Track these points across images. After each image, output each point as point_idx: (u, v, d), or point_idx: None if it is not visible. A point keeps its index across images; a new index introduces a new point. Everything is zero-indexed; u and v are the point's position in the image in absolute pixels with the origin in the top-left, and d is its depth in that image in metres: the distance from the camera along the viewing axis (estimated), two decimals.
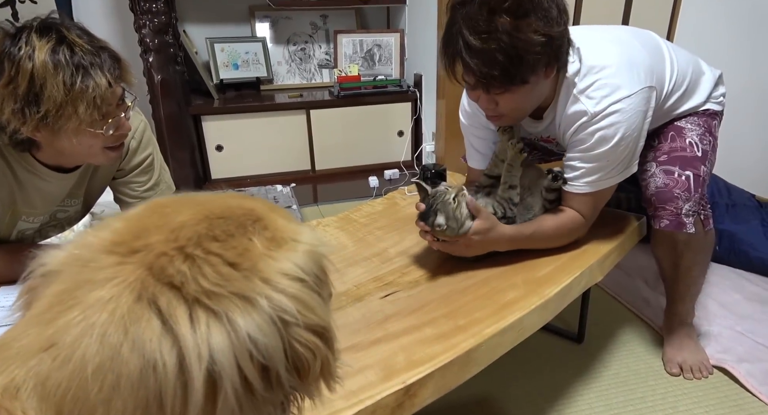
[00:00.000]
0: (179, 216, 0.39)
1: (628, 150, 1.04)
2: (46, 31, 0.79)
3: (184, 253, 0.36)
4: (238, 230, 0.39)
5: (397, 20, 2.96)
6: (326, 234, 1.27)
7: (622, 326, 1.47)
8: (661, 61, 1.14)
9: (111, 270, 0.35)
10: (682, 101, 1.20)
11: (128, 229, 0.38)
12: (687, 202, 1.12)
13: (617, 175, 1.07)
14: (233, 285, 0.35)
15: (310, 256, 0.40)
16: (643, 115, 1.03)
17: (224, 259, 0.36)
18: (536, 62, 0.92)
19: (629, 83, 1.00)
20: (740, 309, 1.49)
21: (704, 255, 1.25)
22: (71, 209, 1.11)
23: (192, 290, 0.34)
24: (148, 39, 2.22)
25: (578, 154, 1.06)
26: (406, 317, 0.91)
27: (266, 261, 0.38)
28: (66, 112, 0.80)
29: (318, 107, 2.66)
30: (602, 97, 1.00)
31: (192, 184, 2.48)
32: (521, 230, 1.08)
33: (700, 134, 1.19)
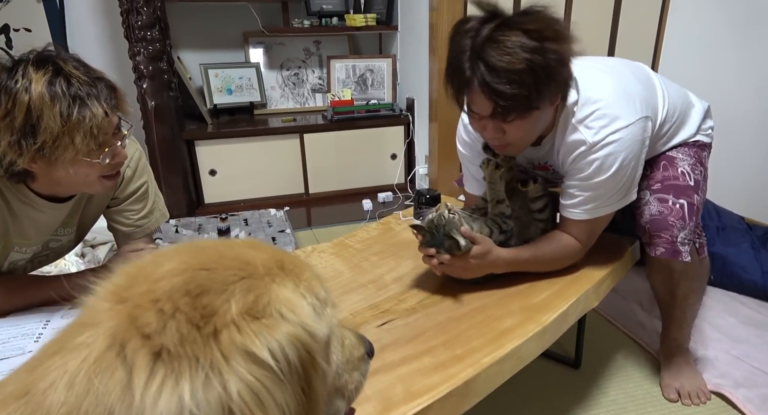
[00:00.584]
0: (166, 266, 0.37)
1: (626, 179, 1.05)
2: (43, 63, 0.80)
3: (156, 306, 0.34)
4: (216, 287, 0.35)
5: (389, 46, 3.01)
6: (322, 260, 1.26)
7: (619, 350, 1.47)
8: (654, 93, 1.16)
9: (100, 316, 0.35)
10: (673, 132, 1.22)
11: (125, 277, 0.38)
12: (682, 230, 1.12)
13: (615, 204, 1.08)
14: (191, 348, 0.32)
15: (291, 340, 0.35)
16: (641, 144, 1.04)
17: (189, 318, 0.33)
18: (558, 86, 0.93)
19: (627, 114, 1.02)
20: (735, 333, 1.50)
21: (700, 283, 1.26)
22: (64, 238, 1.10)
23: (157, 343, 0.32)
24: (142, 66, 2.24)
25: (576, 182, 1.07)
26: (404, 347, 0.90)
27: (231, 333, 0.33)
28: (63, 143, 0.80)
29: (311, 131, 2.68)
30: (601, 127, 1.01)
31: (185, 209, 2.47)
32: (518, 254, 1.09)
33: (691, 164, 1.20)
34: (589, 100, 1.03)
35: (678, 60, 2.55)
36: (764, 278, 1.63)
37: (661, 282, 1.25)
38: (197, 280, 0.35)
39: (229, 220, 2.43)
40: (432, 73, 2.48)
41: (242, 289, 0.35)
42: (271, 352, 0.33)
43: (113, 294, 0.37)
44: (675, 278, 1.20)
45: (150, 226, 1.16)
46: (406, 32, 2.75)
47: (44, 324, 0.94)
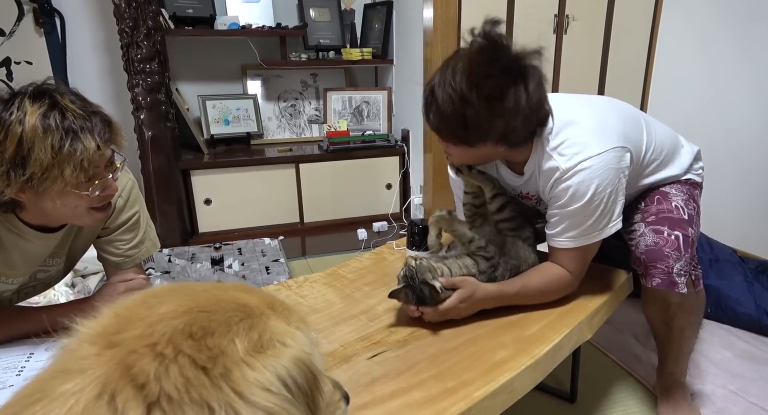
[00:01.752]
0: (162, 307, 0.37)
1: (604, 206, 1.05)
2: (40, 96, 0.81)
3: (154, 350, 0.33)
4: (219, 328, 0.36)
5: (384, 79, 3.08)
6: (313, 290, 1.25)
7: (615, 383, 1.44)
8: (637, 128, 1.17)
9: (86, 362, 0.33)
10: (661, 168, 1.24)
11: (114, 320, 0.37)
12: (678, 261, 1.12)
13: (597, 232, 1.08)
14: (198, 391, 0.32)
15: (296, 364, 0.37)
16: (616, 172, 1.04)
17: (194, 360, 0.33)
18: (486, 138, 1.00)
19: (599, 142, 1.04)
20: (732, 367, 1.48)
21: (696, 316, 1.25)
22: (53, 268, 1.09)
23: (154, 392, 0.31)
24: (140, 97, 2.27)
25: (556, 210, 1.09)
26: (394, 380, 0.89)
27: (242, 368, 0.34)
28: (52, 175, 0.80)
29: (307, 161, 2.70)
30: (573, 155, 1.03)
31: (179, 238, 2.46)
32: (506, 289, 1.08)
33: (684, 200, 1.22)
34: (563, 128, 1.06)
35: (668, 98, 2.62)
36: (758, 311, 1.62)
37: (657, 315, 1.24)
38: (199, 322, 0.35)
39: (222, 249, 2.42)
40: None
41: (245, 328, 0.37)
42: (281, 378, 0.35)
43: (100, 337, 0.35)
44: (671, 310, 1.19)
45: (140, 256, 1.15)
46: (401, 66, 2.82)
47: (27, 357, 0.92)
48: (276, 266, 2.23)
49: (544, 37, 2.48)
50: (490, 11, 2.58)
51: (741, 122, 2.18)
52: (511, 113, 0.95)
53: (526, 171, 1.14)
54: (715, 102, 2.27)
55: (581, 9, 2.49)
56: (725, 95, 2.25)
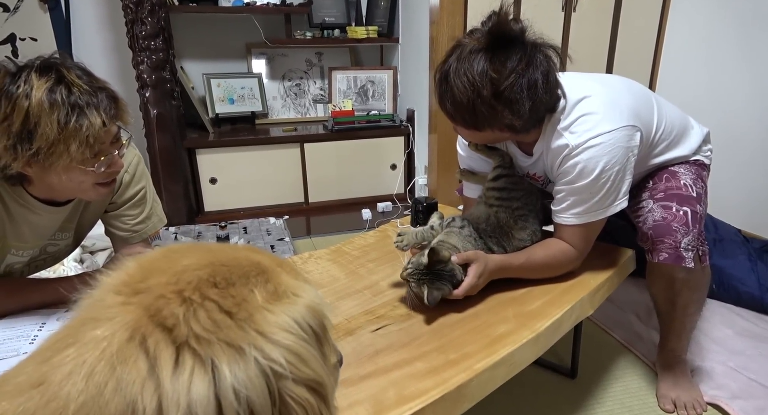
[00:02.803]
0: (185, 260, 0.39)
1: (612, 184, 1.05)
2: (47, 70, 0.81)
3: (181, 296, 0.36)
4: (240, 280, 0.39)
5: (390, 58, 3.05)
6: (318, 266, 1.27)
7: (615, 360, 1.46)
8: (648, 108, 1.17)
9: (114, 310, 0.35)
10: (670, 148, 1.24)
11: (138, 270, 0.39)
12: (686, 236, 1.12)
13: (603, 209, 1.09)
14: (225, 333, 0.35)
15: (309, 311, 0.40)
16: (625, 150, 1.05)
17: (220, 306, 0.36)
18: (493, 126, 1.01)
19: (610, 120, 1.04)
20: (732, 344, 1.49)
21: (701, 293, 1.25)
22: (62, 242, 1.10)
23: (182, 333, 0.34)
24: (145, 75, 2.27)
25: (563, 187, 1.09)
26: (397, 351, 0.91)
27: (263, 313, 0.37)
28: (57, 150, 0.81)
29: (312, 141, 2.70)
30: (583, 131, 1.04)
31: (185, 217, 2.48)
32: (511, 260, 1.10)
33: (693, 179, 1.22)
34: (574, 107, 1.06)
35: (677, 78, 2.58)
36: (761, 291, 1.63)
37: (661, 291, 1.24)
38: (221, 274, 0.38)
39: (228, 228, 2.44)
40: (432, 85, 2.50)
41: (261, 281, 0.40)
42: (297, 321, 0.38)
43: (125, 285, 0.37)
44: (676, 286, 1.20)
45: (147, 231, 1.17)
46: (407, 45, 2.79)
47: (39, 327, 0.95)
48: (281, 244, 2.25)
49: (552, 14, 2.44)
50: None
51: (749, 101, 2.15)
52: (520, 109, 0.97)
53: (535, 152, 1.14)
54: (722, 82, 2.24)
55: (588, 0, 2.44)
56: (733, 75, 2.21)
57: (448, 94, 1.00)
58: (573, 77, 1.11)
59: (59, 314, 0.99)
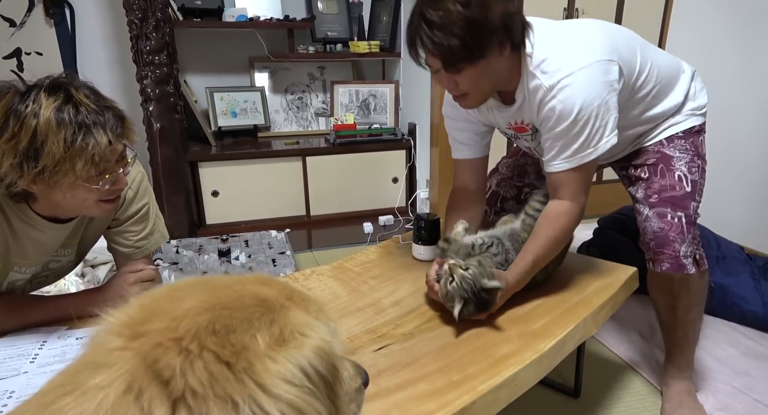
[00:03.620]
0: (186, 303, 0.38)
1: (594, 121, 1.02)
2: (55, 90, 0.82)
3: (179, 345, 0.34)
4: (242, 325, 0.37)
5: (392, 72, 3.07)
6: (320, 283, 1.26)
7: (619, 379, 1.45)
8: (629, 46, 1.13)
9: (113, 355, 0.34)
10: (659, 94, 1.20)
11: (139, 311, 0.38)
12: (683, 244, 1.14)
13: (592, 149, 1.06)
14: (221, 386, 0.33)
15: (317, 354, 0.38)
16: (603, 85, 1.01)
17: (218, 356, 0.34)
18: (492, 34, 0.95)
19: (581, 56, 1.01)
20: (736, 364, 1.48)
21: (700, 296, 1.24)
22: (64, 259, 1.10)
23: (179, 387, 0.32)
24: (149, 89, 2.28)
25: (548, 134, 1.08)
26: (400, 372, 0.90)
27: (265, 362, 0.35)
28: (63, 169, 0.81)
29: (314, 154, 2.71)
30: (554, 71, 1.01)
31: (186, 230, 2.48)
32: (522, 266, 1.08)
33: (688, 162, 1.20)
34: (545, 44, 1.03)
35: None
36: (765, 309, 1.62)
37: (661, 295, 1.25)
38: (222, 319, 0.36)
39: (229, 241, 2.44)
40: (433, 98, 2.52)
41: (266, 323, 0.37)
42: (302, 369, 0.36)
43: (126, 327, 0.36)
44: (675, 288, 1.20)
45: (149, 247, 1.17)
46: (409, 59, 2.80)
47: (41, 345, 0.94)
48: (282, 258, 2.24)
49: None
50: None
51: (751, 113, 2.16)
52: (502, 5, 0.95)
53: (516, 98, 1.12)
54: (724, 92, 2.25)
55: (591, 2, 2.47)
56: (736, 84, 2.22)
57: (426, 29, 0.95)
58: (543, 20, 1.10)
59: (60, 332, 0.99)
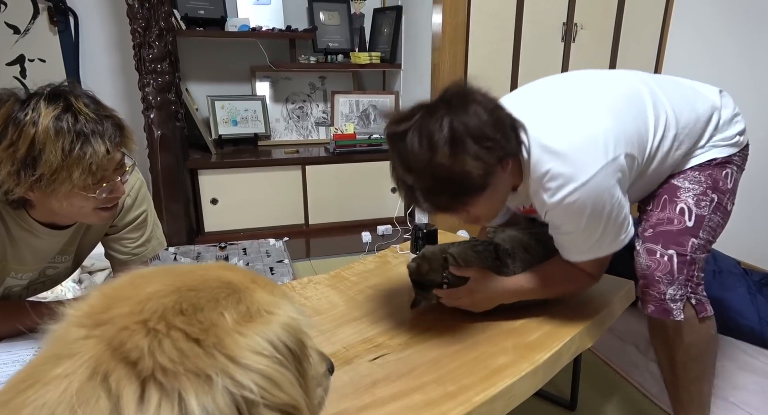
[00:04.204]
0: (149, 287, 0.37)
1: (605, 226, 0.96)
2: (55, 98, 0.82)
3: (146, 327, 0.34)
4: (208, 304, 0.37)
5: (392, 83, 3.10)
6: (317, 292, 1.27)
7: (615, 392, 1.44)
8: (638, 114, 1.02)
9: (76, 345, 0.34)
10: (685, 142, 1.07)
11: (101, 300, 0.37)
12: (670, 285, 1.03)
13: (606, 247, 1.01)
14: (192, 362, 0.33)
15: (285, 329, 0.38)
16: (611, 189, 0.93)
17: (187, 334, 0.34)
18: (481, 178, 0.88)
19: (586, 166, 0.92)
20: (733, 378, 1.47)
21: (701, 350, 1.08)
22: (61, 265, 1.10)
23: (147, 366, 0.32)
24: (150, 97, 2.30)
25: (554, 234, 1.04)
26: (395, 382, 0.90)
27: (234, 337, 0.35)
28: (60, 177, 0.81)
29: (314, 163, 2.72)
30: (557, 189, 0.93)
31: (185, 237, 2.48)
32: (525, 285, 1.06)
33: (698, 194, 1.06)
34: (543, 154, 0.94)
35: None
36: (761, 324, 1.62)
37: (660, 346, 1.13)
38: (188, 299, 0.37)
39: (227, 249, 2.44)
40: None
41: (232, 302, 0.38)
42: (271, 342, 0.36)
43: (88, 317, 0.36)
44: (670, 338, 1.08)
45: (147, 254, 1.17)
46: (409, 70, 2.84)
47: (35, 351, 0.94)
48: (280, 266, 2.24)
49: (552, 44, 2.49)
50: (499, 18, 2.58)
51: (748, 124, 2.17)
52: (480, 133, 0.86)
53: (520, 191, 1.05)
54: None
55: (589, 17, 2.50)
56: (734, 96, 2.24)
57: (415, 192, 0.90)
58: (531, 103, 1.00)
59: None
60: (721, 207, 1.09)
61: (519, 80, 2.48)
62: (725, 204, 1.10)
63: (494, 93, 0.95)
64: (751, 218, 2.18)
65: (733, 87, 2.23)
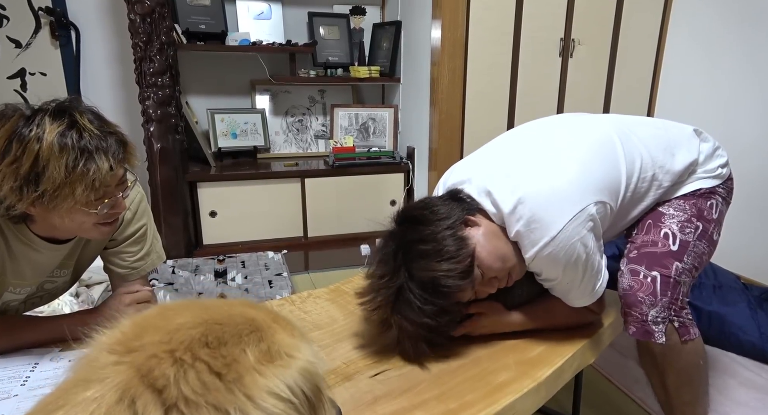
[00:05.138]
0: (179, 318, 0.39)
1: (583, 270, 0.97)
2: (60, 114, 0.82)
3: (173, 356, 0.35)
4: (232, 339, 0.38)
5: (391, 96, 3.12)
6: (317, 306, 1.26)
7: (617, 408, 1.43)
8: (609, 160, 1.03)
9: (106, 370, 0.35)
10: (663, 180, 1.09)
11: (132, 328, 0.39)
12: (652, 307, 1.02)
13: (589, 296, 1.03)
14: (213, 395, 0.34)
15: (303, 374, 0.39)
16: (582, 238, 0.94)
17: (210, 367, 0.35)
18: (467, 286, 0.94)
19: (552, 221, 0.93)
20: (736, 395, 1.46)
21: (690, 374, 1.07)
22: (60, 279, 1.10)
23: (172, 395, 0.33)
24: (151, 110, 2.31)
25: (544, 283, 1.05)
26: (396, 399, 0.89)
27: (254, 376, 0.36)
28: (63, 193, 0.81)
29: (313, 176, 2.73)
30: (528, 245, 0.96)
31: (183, 250, 2.47)
32: (527, 320, 1.08)
33: (682, 221, 1.08)
34: (512, 214, 0.96)
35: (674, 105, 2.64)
36: (762, 339, 1.62)
37: (649, 370, 1.12)
38: (214, 333, 0.38)
39: (226, 262, 2.43)
40: (432, 123, 2.55)
41: (255, 340, 0.39)
42: (289, 387, 0.37)
43: (119, 344, 0.37)
44: (659, 363, 1.07)
45: (146, 268, 1.16)
46: (408, 84, 2.86)
47: (32, 367, 0.93)
48: (279, 279, 2.23)
49: (549, 59, 2.52)
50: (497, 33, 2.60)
51: (747, 145, 2.19)
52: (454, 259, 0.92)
53: None
54: (720, 128, 2.29)
55: (587, 33, 2.53)
56: (731, 120, 2.26)
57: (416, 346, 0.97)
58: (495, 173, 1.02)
59: (53, 354, 0.97)
60: (707, 235, 1.10)
61: (517, 95, 2.50)
62: (711, 233, 1.11)
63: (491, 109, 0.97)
64: (751, 232, 2.18)
65: (730, 100, 2.25)
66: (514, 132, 1.19)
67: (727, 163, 1.18)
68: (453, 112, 2.47)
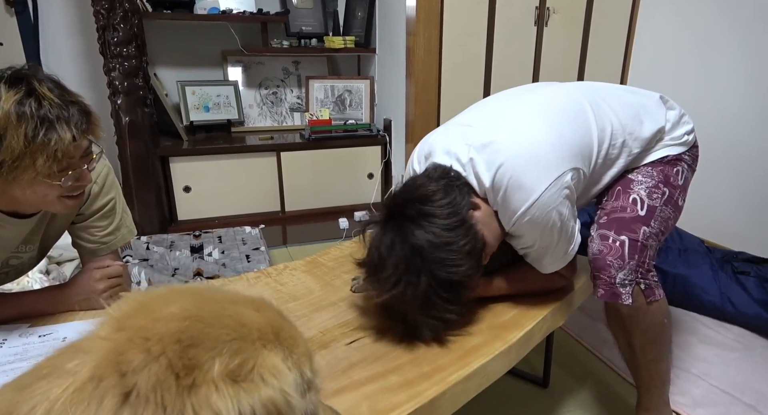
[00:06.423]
0: (171, 307, 0.38)
1: (558, 235, 1.01)
2: (17, 82, 0.79)
3: (144, 345, 0.35)
4: (207, 342, 0.35)
5: (367, 68, 3.07)
6: (293, 278, 1.26)
7: (587, 369, 1.49)
8: (581, 126, 1.06)
9: (95, 342, 0.36)
10: (626, 152, 1.12)
11: (132, 306, 0.39)
12: (620, 270, 1.05)
13: (563, 256, 1.07)
14: (162, 395, 0.32)
15: (266, 404, 0.35)
16: (558, 205, 0.97)
17: (171, 364, 0.33)
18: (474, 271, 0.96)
19: (529, 190, 0.96)
20: (695, 351, 1.54)
21: (654, 333, 1.11)
22: (25, 255, 1.07)
23: (129, 383, 0.33)
24: (117, 82, 2.23)
25: (521, 249, 1.08)
26: (372, 365, 0.91)
27: (210, 389, 0.33)
28: (23, 164, 0.78)
29: (289, 149, 2.69)
30: (509, 213, 0.99)
31: (157, 226, 2.44)
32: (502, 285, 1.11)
33: (650, 187, 1.12)
34: (493, 184, 0.99)
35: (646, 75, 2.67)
36: (722, 299, 1.69)
37: (617, 330, 1.16)
38: (192, 331, 0.36)
39: (202, 237, 2.40)
40: (409, 95, 2.53)
41: (231, 350, 0.36)
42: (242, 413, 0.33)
43: (116, 320, 0.37)
44: (626, 324, 1.11)
45: (116, 242, 1.14)
46: (384, 55, 2.81)
47: (0, 343, 0.91)
48: (256, 254, 2.22)
49: (525, 29, 2.50)
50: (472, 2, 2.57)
51: (713, 111, 2.24)
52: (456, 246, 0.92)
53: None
54: (692, 94, 2.33)
55: (562, 2, 2.51)
56: (701, 87, 2.30)
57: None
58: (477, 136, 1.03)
59: (22, 330, 0.96)
60: (672, 201, 1.14)
61: (493, 64, 2.49)
62: (676, 199, 1.15)
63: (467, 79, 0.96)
64: (715, 198, 2.25)
65: (702, 68, 2.29)
66: (487, 100, 1.20)
67: (693, 130, 1.21)
68: (429, 83, 2.45)
